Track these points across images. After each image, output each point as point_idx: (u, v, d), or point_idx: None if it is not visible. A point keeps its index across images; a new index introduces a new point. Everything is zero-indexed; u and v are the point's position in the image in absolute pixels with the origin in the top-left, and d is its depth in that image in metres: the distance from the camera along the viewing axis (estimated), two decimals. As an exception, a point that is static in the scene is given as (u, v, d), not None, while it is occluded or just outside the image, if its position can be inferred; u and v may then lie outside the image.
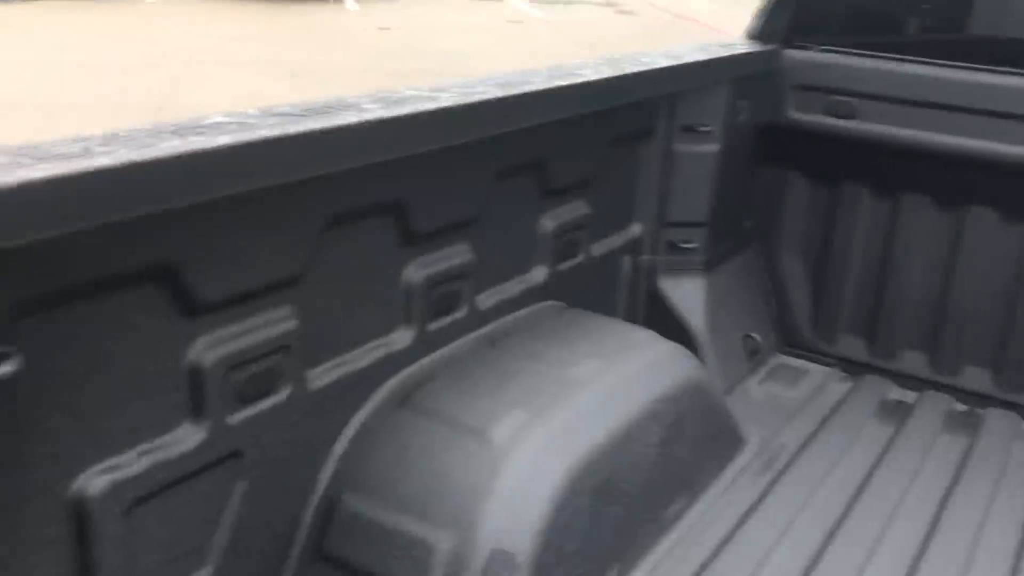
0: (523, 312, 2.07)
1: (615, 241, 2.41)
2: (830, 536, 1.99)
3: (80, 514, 1.23)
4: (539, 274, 2.12)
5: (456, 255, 1.83)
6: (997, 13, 2.90)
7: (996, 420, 2.55)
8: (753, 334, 2.75)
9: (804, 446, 2.36)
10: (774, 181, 2.84)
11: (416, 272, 1.74)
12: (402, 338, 1.75)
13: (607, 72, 1.98)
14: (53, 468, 1.19)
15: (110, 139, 1.11)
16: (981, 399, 2.64)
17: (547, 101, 1.84)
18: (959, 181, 2.58)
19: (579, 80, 1.87)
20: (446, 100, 1.55)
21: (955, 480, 2.24)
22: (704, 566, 1.86)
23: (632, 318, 2.56)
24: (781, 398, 2.63)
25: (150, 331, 1.27)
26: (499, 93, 1.66)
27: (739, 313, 2.76)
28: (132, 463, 1.28)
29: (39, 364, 1.10)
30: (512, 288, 2.05)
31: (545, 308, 2.13)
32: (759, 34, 2.75)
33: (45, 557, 1.21)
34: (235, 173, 1.20)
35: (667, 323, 2.55)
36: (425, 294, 1.76)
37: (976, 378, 2.68)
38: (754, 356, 2.76)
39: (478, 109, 1.64)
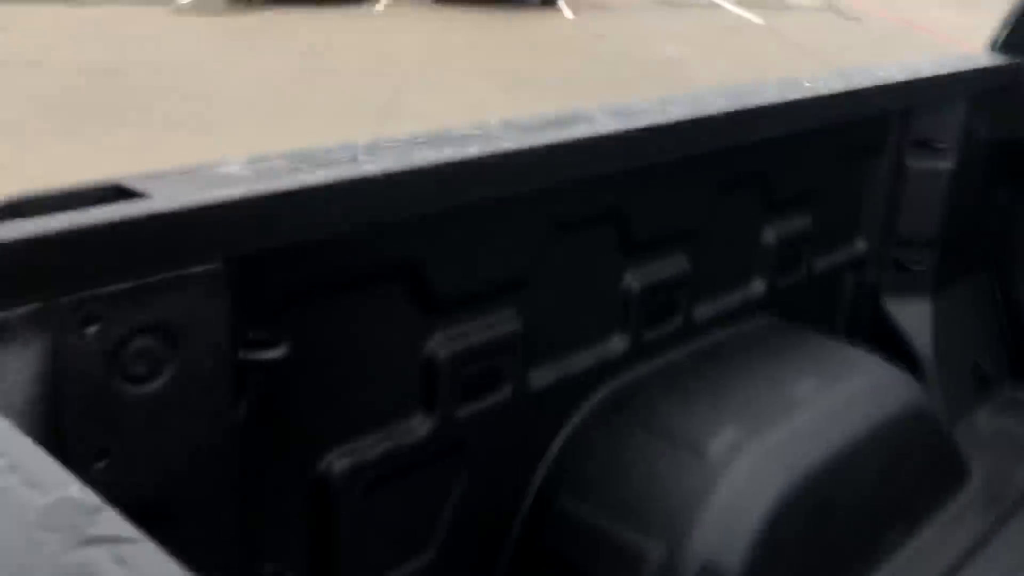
0: (740, 326, 2.06)
1: (838, 257, 2.35)
2: None
3: (324, 492, 1.34)
4: (758, 287, 2.10)
5: (674, 265, 1.85)
6: None
7: None
8: (983, 363, 2.60)
9: None
10: (1013, 202, 2.67)
11: (634, 280, 1.77)
12: (618, 344, 1.78)
13: (838, 86, 1.94)
14: (303, 447, 1.31)
15: (373, 148, 1.22)
16: None
17: (776, 114, 1.83)
18: None
19: (809, 94, 1.84)
20: (677, 113, 1.58)
21: None
22: None
23: (853, 338, 2.48)
24: (1011, 433, 2.47)
25: (394, 325, 1.37)
26: (728, 107, 1.67)
27: (968, 340, 2.62)
28: (372, 447, 1.38)
29: (300, 350, 1.21)
30: (730, 301, 2.04)
31: (763, 323, 2.11)
32: (1003, 45, 2.60)
33: (290, 530, 1.33)
34: (482, 181, 1.28)
35: (890, 346, 2.45)
36: (642, 302, 1.79)
37: None
38: (983, 387, 2.60)
39: (707, 122, 1.66)
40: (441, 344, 1.44)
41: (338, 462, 1.34)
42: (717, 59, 12.00)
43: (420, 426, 1.45)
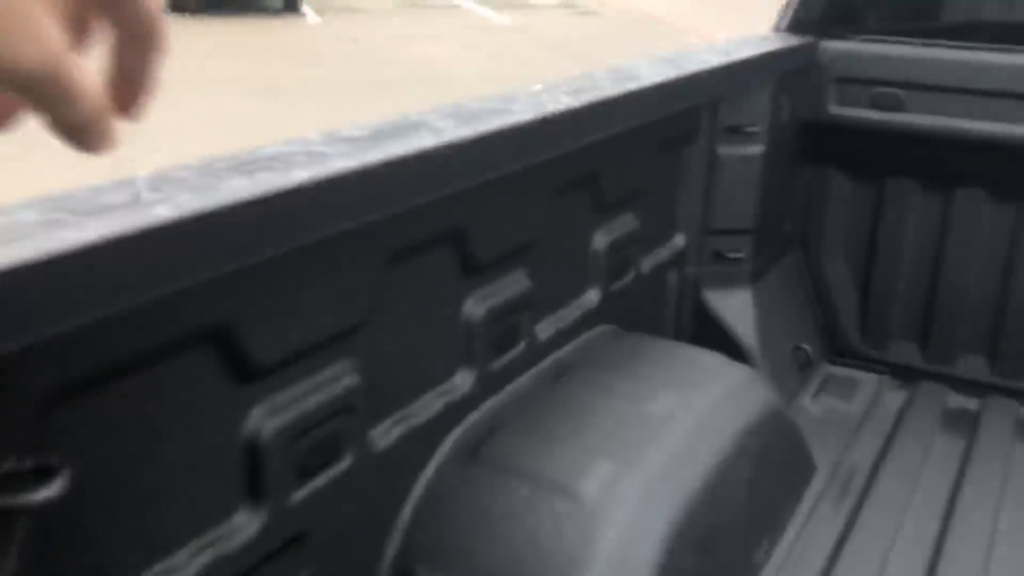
0: (580, 340, 1.88)
1: (661, 255, 2.23)
2: (931, 567, 1.82)
3: None
4: (593, 297, 1.93)
5: (515, 283, 1.64)
6: None
7: None
8: (803, 345, 2.58)
9: (877, 466, 2.19)
10: (815, 180, 2.67)
11: (477, 306, 1.54)
12: (464, 381, 1.55)
13: (668, 74, 1.80)
14: None
15: (160, 182, 0.91)
16: None
17: (614, 109, 1.65)
18: (1017, 172, 2.43)
19: (644, 85, 1.68)
20: (522, 112, 1.36)
21: None
22: None
23: (679, 336, 2.37)
24: (838, 413, 2.46)
25: (201, 405, 1.07)
26: (576, 102, 1.47)
27: (788, 324, 2.59)
28: (186, 564, 1.07)
29: (84, 470, 0.89)
30: (568, 315, 1.85)
31: (601, 334, 1.94)
32: (791, 25, 2.58)
33: None
34: (318, 214, 1.00)
35: (715, 339, 2.36)
36: (486, 329, 1.57)
37: None
38: (805, 368, 2.58)
39: (560, 120, 1.45)
40: (265, 418, 1.15)
41: None
42: (475, 57, 11.99)
43: (247, 525, 1.15)
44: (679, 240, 2.31)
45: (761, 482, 1.77)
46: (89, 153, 0.45)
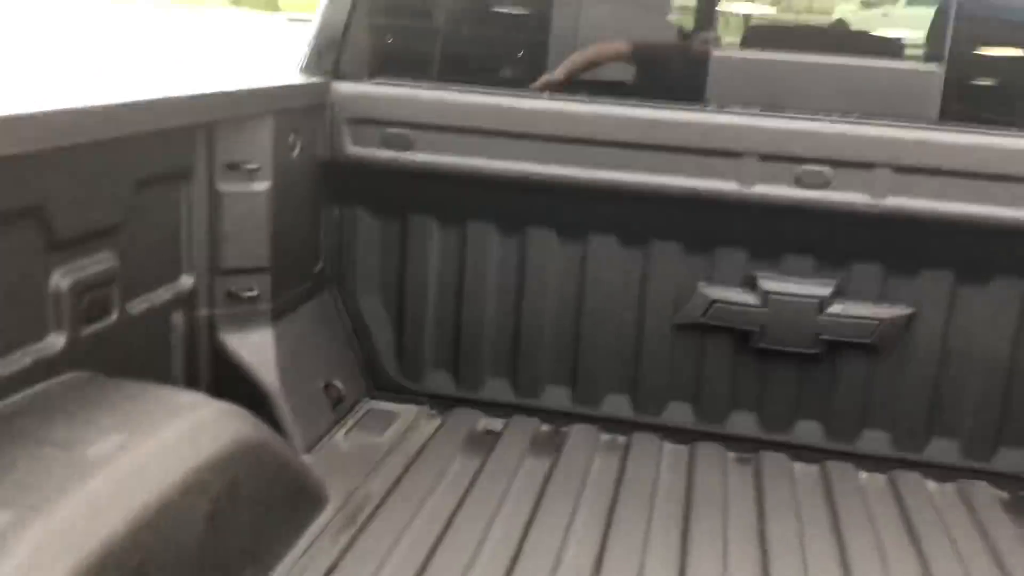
0: (36, 389, 1.74)
1: (161, 296, 2.14)
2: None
3: None
4: (56, 341, 1.80)
5: None
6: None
7: (577, 435, 2.60)
8: (335, 382, 2.60)
9: (390, 493, 2.23)
10: (343, 219, 2.73)
11: None
12: None
13: (121, 96, 1.73)
14: None
15: None
16: (564, 416, 2.69)
17: (48, 123, 1.55)
18: (521, 204, 2.62)
19: (81, 104, 1.60)
20: None
21: (537, 501, 2.23)
22: None
23: (194, 381, 2.29)
24: (369, 446, 2.49)
25: None
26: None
27: (318, 362, 2.60)
28: None
29: None
30: (19, 361, 1.71)
31: (67, 381, 1.81)
32: (307, 67, 2.64)
33: None
34: None
35: (235, 382, 2.31)
36: None
37: (556, 397, 2.72)
38: (338, 405, 2.60)
39: None
40: None
41: None
42: None
43: None
44: (186, 280, 2.24)
45: (230, 518, 1.72)
46: None
